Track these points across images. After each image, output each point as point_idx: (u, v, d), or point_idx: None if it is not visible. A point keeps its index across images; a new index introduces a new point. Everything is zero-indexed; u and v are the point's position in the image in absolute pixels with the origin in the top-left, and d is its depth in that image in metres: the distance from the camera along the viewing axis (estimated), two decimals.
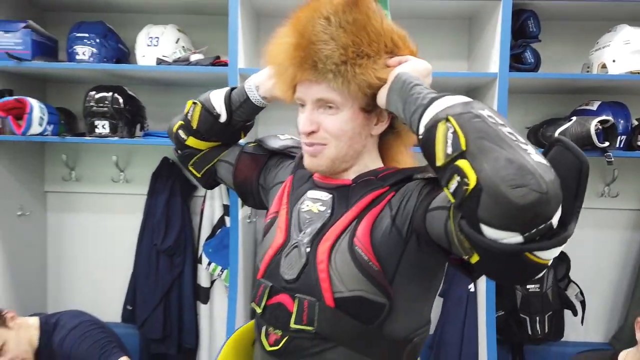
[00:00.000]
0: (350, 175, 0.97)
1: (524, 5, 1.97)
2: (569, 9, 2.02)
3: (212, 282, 2.27)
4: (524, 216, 0.59)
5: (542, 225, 0.60)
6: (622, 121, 1.97)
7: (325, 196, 0.97)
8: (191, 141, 1.18)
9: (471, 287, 2.10)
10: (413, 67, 0.88)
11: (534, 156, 0.62)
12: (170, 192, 2.24)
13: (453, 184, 0.65)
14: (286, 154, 1.16)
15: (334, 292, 0.87)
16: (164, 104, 2.28)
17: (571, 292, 2.21)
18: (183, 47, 2.06)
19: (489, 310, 1.99)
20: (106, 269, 2.42)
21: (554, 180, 0.61)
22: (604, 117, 1.88)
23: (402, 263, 0.86)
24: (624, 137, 1.98)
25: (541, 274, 0.67)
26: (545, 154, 0.68)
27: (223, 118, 1.13)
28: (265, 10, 2.16)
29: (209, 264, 2.17)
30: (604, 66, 1.95)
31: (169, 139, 2.00)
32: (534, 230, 0.60)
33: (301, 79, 0.92)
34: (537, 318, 2.12)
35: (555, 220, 0.62)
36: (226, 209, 2.24)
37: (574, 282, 2.21)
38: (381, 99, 0.89)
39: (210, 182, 1.27)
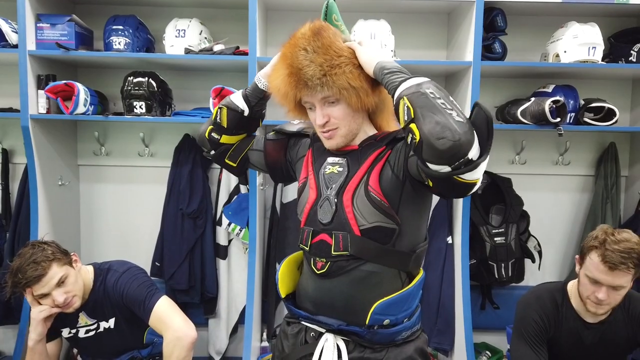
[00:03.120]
0: (356, 142, 1.31)
1: (494, 3, 2.32)
2: (530, 6, 2.37)
3: (230, 241, 2.64)
4: (445, 156, 0.98)
5: (461, 160, 0.98)
6: (571, 101, 2.38)
7: (341, 160, 1.31)
8: (224, 139, 1.47)
9: (449, 239, 2.51)
10: (373, 53, 1.20)
11: (455, 117, 0.99)
12: (193, 164, 2.57)
13: (409, 139, 1.04)
14: (302, 134, 1.49)
15: (359, 226, 1.23)
16: (187, 87, 2.60)
17: (531, 244, 2.62)
18: (205, 38, 2.37)
19: (464, 259, 2.40)
20: (132, 232, 2.75)
21: (466, 132, 0.97)
22: (556, 98, 2.27)
23: (402, 198, 1.22)
24: (573, 114, 2.39)
25: (474, 190, 1.06)
26: (470, 114, 1.05)
27: (246, 112, 1.43)
28: (272, 5, 2.49)
29: (229, 224, 2.53)
30: (557, 56, 2.33)
31: (194, 118, 2.35)
32: (456, 163, 0.99)
33: (300, 96, 1.25)
34: (503, 264, 2.53)
35: (472, 155, 0.99)
36: (241, 179, 2.59)
37: (533, 236, 2.63)
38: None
39: (244, 169, 1.57)
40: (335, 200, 1.27)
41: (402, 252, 1.26)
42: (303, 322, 1.36)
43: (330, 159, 1.33)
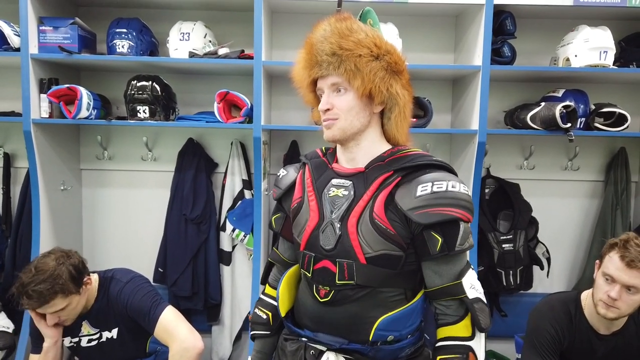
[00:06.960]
0: (362, 163, 1.25)
1: (503, 7, 2.28)
2: (541, 9, 2.33)
3: (234, 247, 2.60)
4: None
5: None
6: (582, 106, 2.34)
7: (347, 183, 1.24)
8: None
9: None
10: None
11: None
12: (197, 169, 2.54)
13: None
14: (293, 182, 1.38)
15: (364, 254, 1.17)
16: (191, 91, 2.57)
17: (539, 251, 2.58)
18: (210, 41, 2.33)
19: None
20: (135, 238, 2.72)
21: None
22: (566, 103, 2.23)
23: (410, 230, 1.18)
24: (583, 119, 2.35)
25: None
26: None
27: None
28: (278, 7, 2.45)
29: (233, 230, 2.49)
30: (568, 60, 2.29)
31: (198, 122, 2.32)
32: None
33: (312, 76, 1.22)
34: (511, 272, 2.49)
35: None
36: (245, 183, 2.56)
37: (541, 242, 2.59)
38: None
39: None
40: (339, 225, 1.21)
41: (408, 273, 1.22)
42: (303, 340, 1.30)
43: (334, 181, 1.26)
